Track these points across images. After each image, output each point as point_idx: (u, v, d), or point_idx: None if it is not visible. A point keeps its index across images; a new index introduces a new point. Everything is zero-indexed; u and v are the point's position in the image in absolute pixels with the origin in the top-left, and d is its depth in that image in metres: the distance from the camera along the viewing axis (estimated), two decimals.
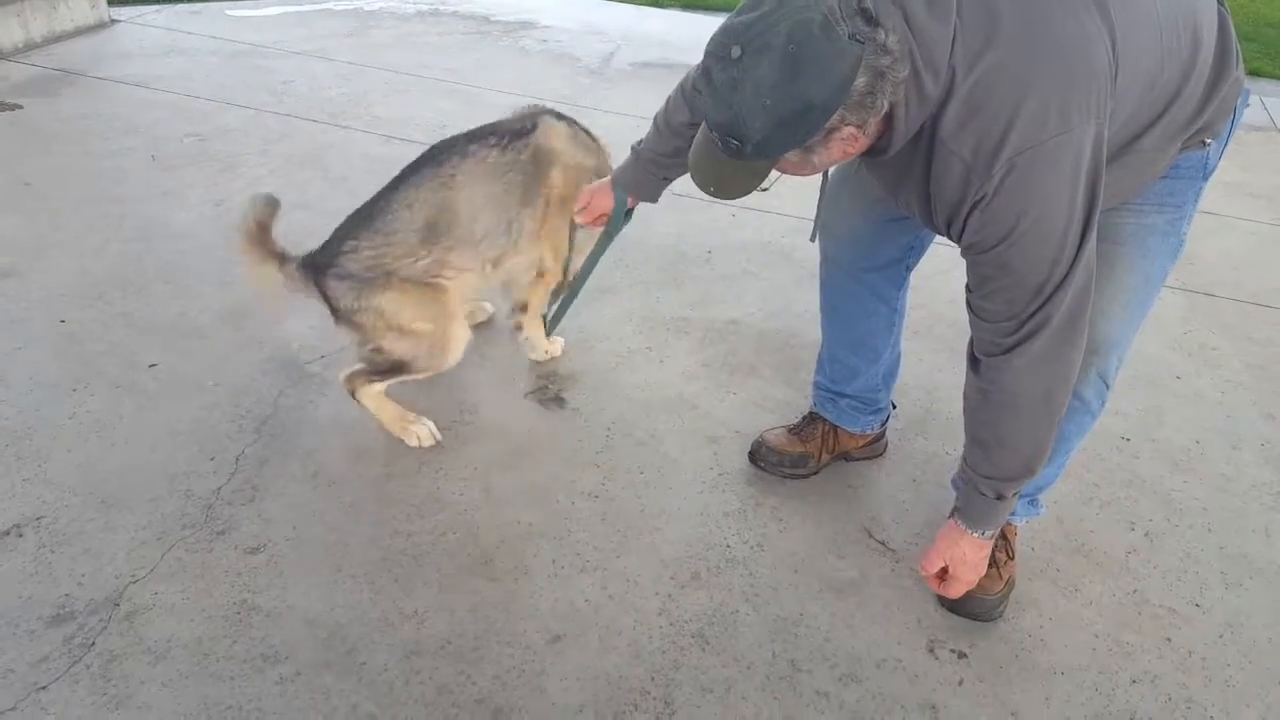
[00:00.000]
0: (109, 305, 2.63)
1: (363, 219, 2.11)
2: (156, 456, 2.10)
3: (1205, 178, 1.56)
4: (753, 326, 2.81)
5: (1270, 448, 2.45)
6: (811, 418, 2.21)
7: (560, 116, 2.28)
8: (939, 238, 2.01)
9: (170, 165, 3.51)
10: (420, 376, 2.16)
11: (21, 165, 3.43)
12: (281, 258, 2.08)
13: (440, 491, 2.08)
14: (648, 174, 1.97)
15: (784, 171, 1.37)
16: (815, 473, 2.19)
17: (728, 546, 1.99)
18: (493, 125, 2.21)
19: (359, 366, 2.16)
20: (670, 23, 6.31)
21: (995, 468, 1.57)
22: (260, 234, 2.06)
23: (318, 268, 2.08)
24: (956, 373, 2.49)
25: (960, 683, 1.73)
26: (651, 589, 1.87)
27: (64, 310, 2.59)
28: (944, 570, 1.73)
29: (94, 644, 1.66)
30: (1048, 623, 1.87)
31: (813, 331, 2.75)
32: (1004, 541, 1.91)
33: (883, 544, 2.04)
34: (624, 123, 4.18)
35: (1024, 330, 1.41)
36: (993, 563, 1.86)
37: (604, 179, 2.09)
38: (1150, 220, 1.57)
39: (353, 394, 2.17)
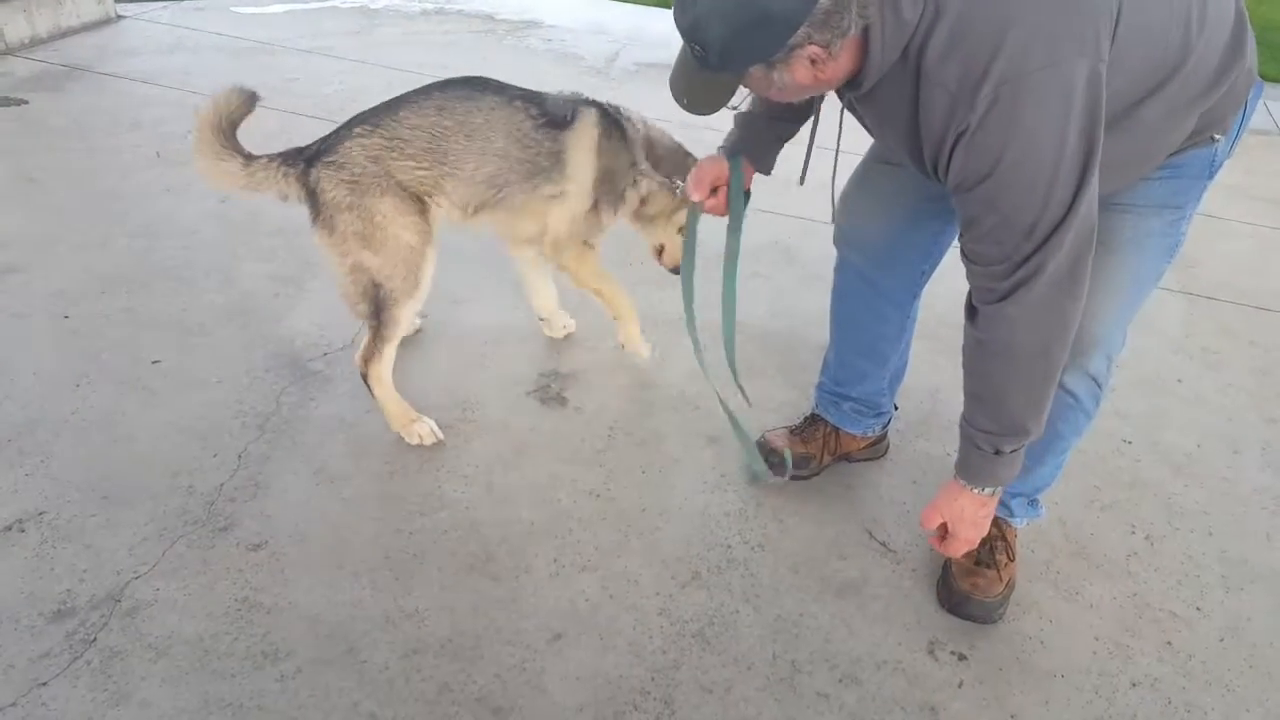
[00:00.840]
0: (112, 301, 2.63)
1: (386, 108, 2.07)
2: (159, 453, 2.11)
3: (1210, 176, 1.55)
4: (756, 327, 2.80)
5: (1271, 451, 2.44)
6: (813, 419, 2.21)
7: (604, 116, 2.21)
8: (955, 244, 2.02)
9: (175, 162, 3.51)
10: (396, 312, 2.09)
11: (26, 161, 3.43)
12: (247, 156, 2.04)
13: (442, 489, 2.08)
14: (758, 133, 1.88)
15: (754, 90, 1.37)
16: (816, 474, 2.19)
17: (728, 547, 2.00)
18: (540, 97, 2.17)
19: (365, 338, 2.14)
20: (669, 22, 6.31)
21: (991, 422, 1.53)
22: (227, 129, 2.03)
23: (310, 158, 2.04)
24: (958, 374, 2.48)
25: (960, 685, 1.73)
26: (652, 588, 1.88)
27: (67, 306, 2.59)
28: (944, 528, 1.69)
29: (95, 640, 1.66)
30: (1048, 625, 1.87)
31: (816, 333, 2.75)
32: (1004, 544, 1.91)
33: (883, 545, 2.04)
34: None
35: (1018, 275, 1.36)
36: (993, 564, 1.86)
37: (710, 157, 1.93)
38: (1149, 224, 1.55)
39: (365, 378, 2.16)
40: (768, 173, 1.97)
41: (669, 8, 1.38)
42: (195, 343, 2.49)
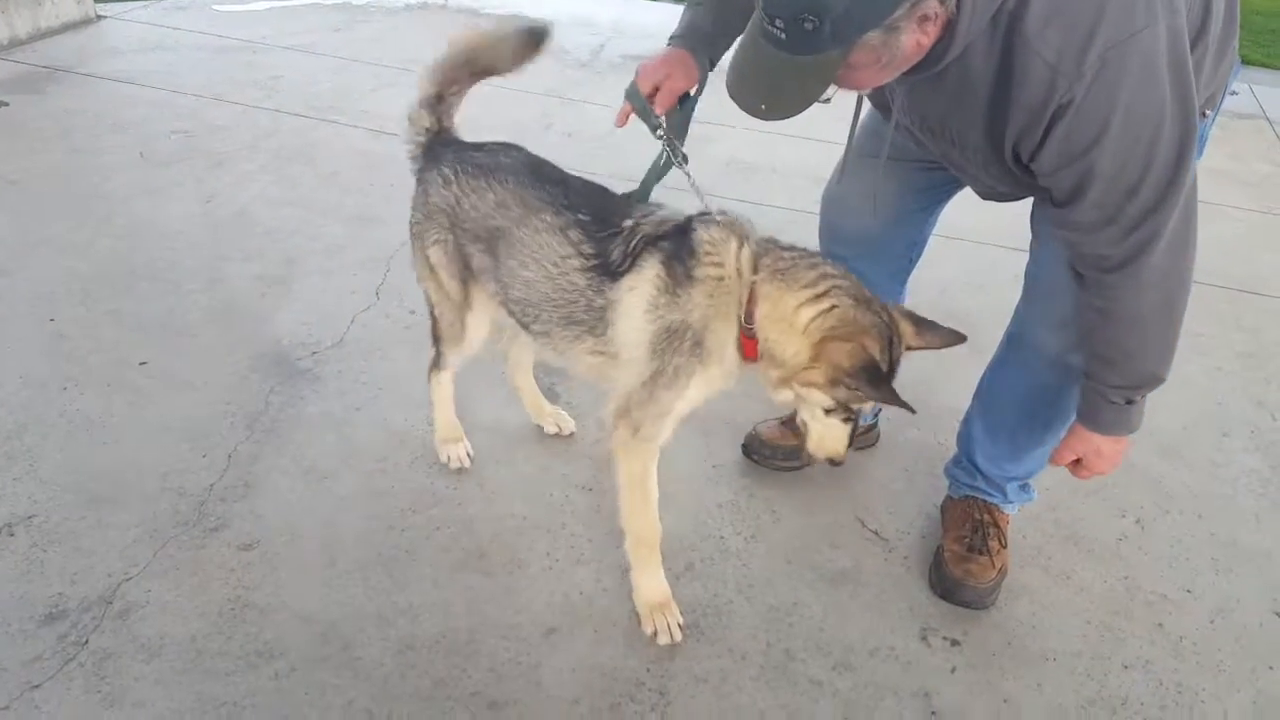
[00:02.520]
0: (98, 303, 2.62)
1: (478, 165, 1.82)
2: (148, 454, 2.09)
3: (1201, 152, 1.55)
4: None
5: (1259, 434, 2.46)
6: None
7: (674, 265, 1.59)
8: (936, 232, 2.02)
9: (158, 162, 3.49)
10: (443, 349, 2.01)
11: (8, 164, 3.40)
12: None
13: (434, 486, 2.07)
14: (728, 23, 1.62)
15: (852, 75, 1.22)
16: (809, 464, 2.19)
17: (721, 538, 2.00)
18: (601, 240, 1.67)
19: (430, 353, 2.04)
20: (660, 14, 6.29)
21: (1123, 379, 1.49)
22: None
23: (434, 156, 1.88)
24: (947, 363, 2.50)
25: (953, 670, 1.74)
26: None
27: (52, 309, 2.57)
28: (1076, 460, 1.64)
29: (87, 642, 1.66)
30: (1040, 610, 1.88)
31: None
32: (996, 530, 1.92)
33: (875, 533, 2.04)
34: (614, 115, 4.17)
35: (1134, 240, 1.32)
36: (985, 551, 1.87)
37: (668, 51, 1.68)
38: None
39: (429, 379, 2.09)
40: (711, 70, 1.72)
41: None
42: (182, 344, 2.48)
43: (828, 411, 1.61)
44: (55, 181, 3.30)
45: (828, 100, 1.25)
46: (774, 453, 2.16)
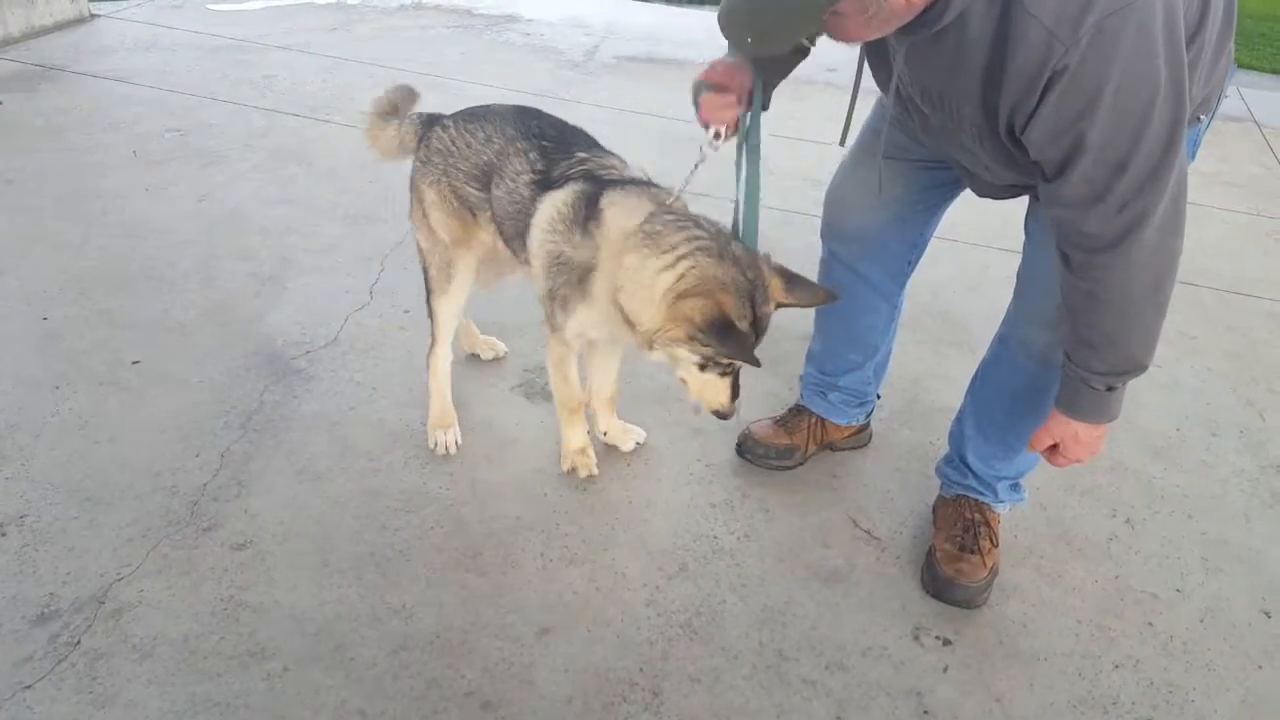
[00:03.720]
0: (91, 302, 2.61)
1: (473, 112, 2.08)
2: (141, 453, 2.09)
3: (1193, 158, 1.55)
4: None
5: (1249, 434, 2.48)
6: (798, 410, 2.22)
7: (579, 204, 1.78)
8: (938, 234, 2.02)
9: (152, 161, 3.48)
10: (435, 303, 2.17)
11: (1, 162, 3.39)
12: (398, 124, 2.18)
13: (427, 485, 2.08)
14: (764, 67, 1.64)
15: (839, 21, 1.22)
16: (802, 463, 2.20)
17: (715, 537, 2.00)
18: (553, 160, 1.88)
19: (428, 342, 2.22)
20: (654, 16, 6.30)
21: (1105, 364, 1.48)
22: (390, 111, 2.21)
23: (431, 122, 2.13)
24: (939, 363, 2.51)
25: (945, 669, 1.75)
26: (639, 580, 1.88)
27: (46, 308, 2.57)
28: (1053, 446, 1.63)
29: (79, 642, 1.65)
30: (1031, 609, 1.89)
31: (798, 324, 2.76)
32: (988, 529, 1.92)
33: (868, 533, 2.05)
34: (607, 115, 4.18)
35: (1123, 220, 1.31)
36: (977, 550, 1.88)
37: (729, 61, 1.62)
38: None
39: (427, 361, 2.24)
40: (765, 107, 1.70)
41: (647, 1, 1.30)
42: (176, 342, 2.47)
43: (701, 367, 1.69)
44: (49, 180, 3.30)
45: (810, 44, 1.26)
46: (767, 451, 2.17)
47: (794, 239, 3.24)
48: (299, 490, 2.04)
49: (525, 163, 1.90)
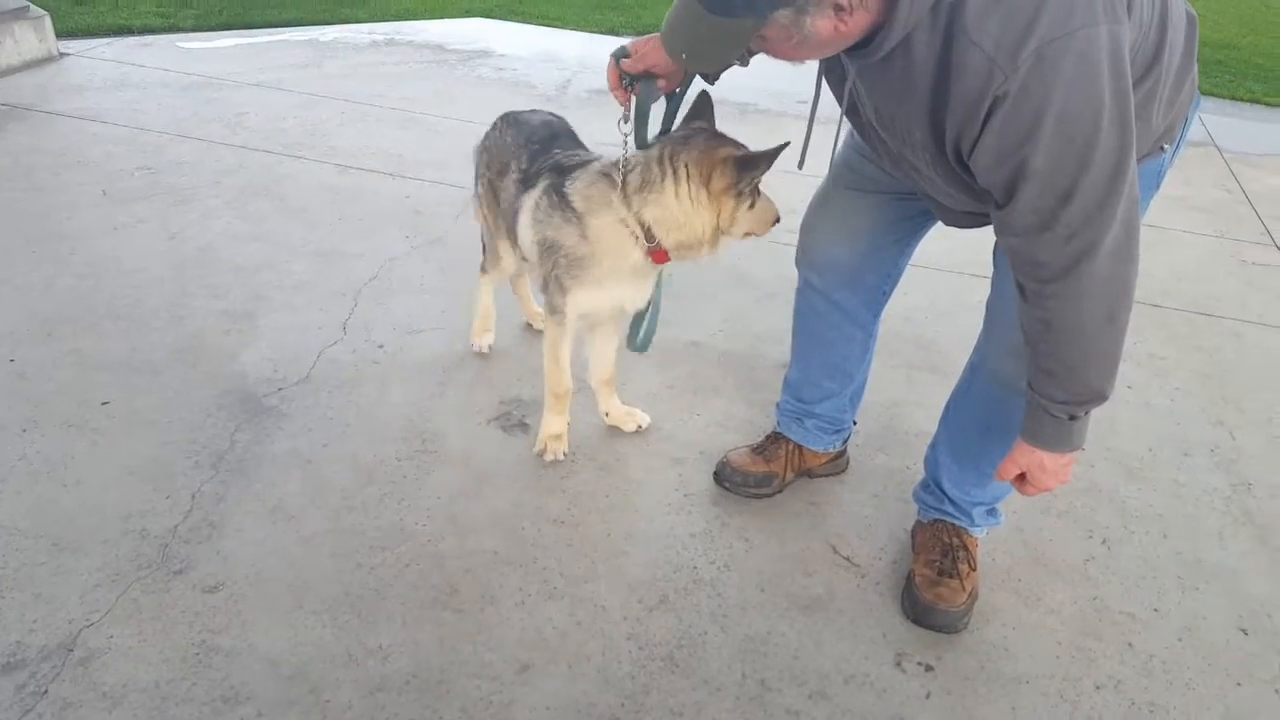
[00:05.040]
0: (59, 343, 2.57)
1: (519, 120, 2.34)
2: (110, 496, 2.05)
3: (1158, 186, 1.58)
4: (713, 348, 2.82)
5: (1220, 453, 2.51)
6: (775, 437, 2.22)
7: (552, 194, 2.01)
8: (912, 263, 2.04)
9: (121, 199, 3.46)
10: (491, 268, 2.55)
11: None
12: None
13: (403, 522, 2.05)
14: None
15: (767, 45, 1.26)
16: (779, 491, 2.20)
17: (695, 568, 1.99)
18: (541, 134, 2.23)
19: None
20: None
21: (1066, 393, 1.47)
22: None
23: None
24: (914, 389, 2.53)
25: (928, 695, 1.74)
26: (620, 614, 1.87)
27: (12, 349, 2.53)
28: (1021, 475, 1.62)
29: (47, 691, 1.61)
30: (1011, 632, 1.89)
31: (773, 351, 2.78)
32: (966, 553, 1.93)
33: (848, 560, 2.05)
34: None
35: (1073, 249, 1.31)
36: (955, 574, 1.89)
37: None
38: None
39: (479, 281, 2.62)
40: (712, 83, 1.82)
41: (618, 34, 1.35)
42: (145, 383, 2.44)
43: (750, 206, 1.89)
44: (15, 220, 3.26)
45: (743, 64, 1.29)
46: (745, 479, 2.16)
47: (767, 268, 3.27)
48: (272, 530, 2.00)
49: (517, 164, 2.17)
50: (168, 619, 1.77)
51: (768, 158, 1.77)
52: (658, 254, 1.92)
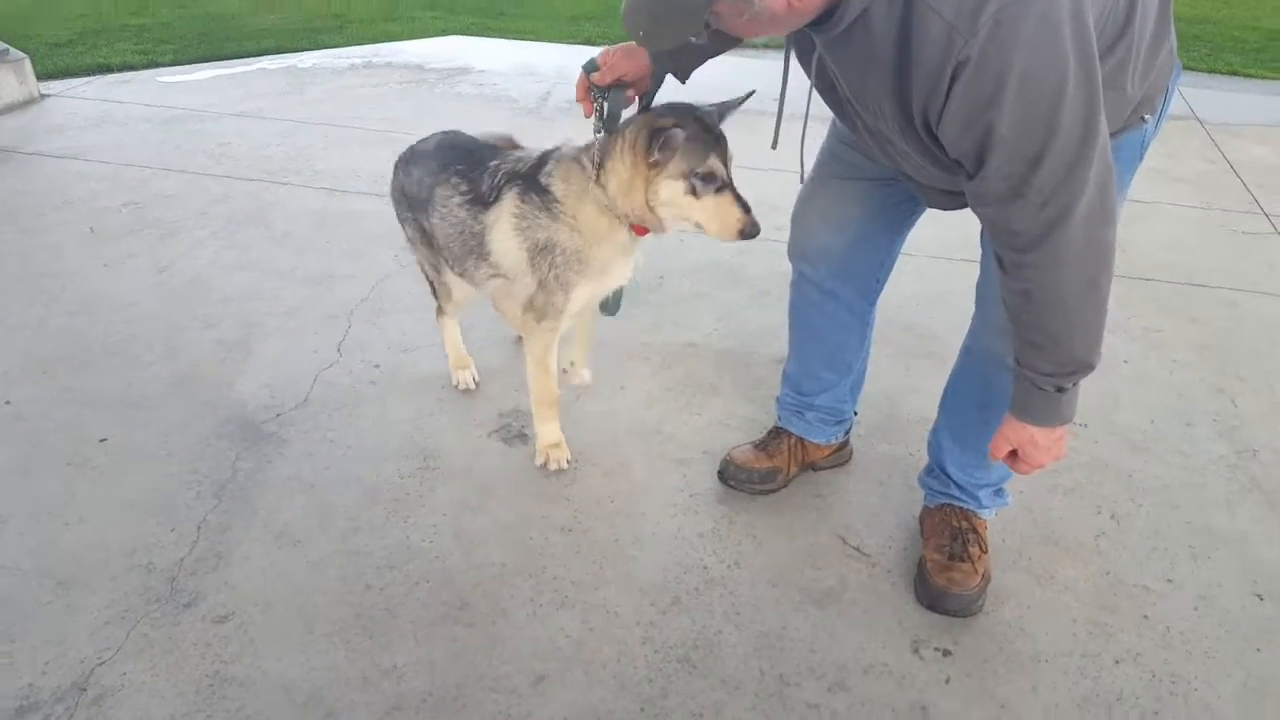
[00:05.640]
0: (54, 382, 2.56)
1: (414, 157, 2.31)
2: (114, 532, 2.04)
3: (1142, 157, 1.58)
4: (710, 347, 2.82)
5: (1222, 421, 2.50)
6: (777, 432, 2.22)
7: (530, 195, 1.99)
8: (903, 251, 2.04)
9: (109, 236, 3.45)
10: (444, 304, 2.48)
11: None
12: None
13: (409, 540, 2.04)
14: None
15: (724, 17, 1.27)
16: (784, 486, 2.19)
17: (705, 568, 1.99)
18: (468, 157, 2.15)
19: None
20: None
21: (1052, 365, 1.46)
22: None
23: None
24: (912, 376, 2.53)
25: (947, 680, 1.73)
26: (633, 618, 1.86)
27: (7, 390, 2.52)
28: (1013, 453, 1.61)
29: None
30: (1026, 612, 1.89)
31: (770, 348, 2.78)
32: (976, 536, 1.92)
33: (857, 550, 2.04)
34: None
35: (1046, 216, 1.30)
36: (966, 558, 1.88)
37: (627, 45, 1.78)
38: None
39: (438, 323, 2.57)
40: (684, 81, 1.87)
41: (595, 45, 1.35)
42: (142, 417, 2.43)
43: (694, 193, 1.81)
44: (4, 262, 3.25)
45: (698, 41, 1.30)
46: (749, 476, 2.16)
47: (759, 265, 3.27)
48: (279, 557, 1.99)
49: (451, 189, 2.12)
50: (179, 652, 1.76)
51: (677, 129, 1.73)
52: (637, 227, 1.95)
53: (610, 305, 2.21)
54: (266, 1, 8.25)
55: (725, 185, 1.81)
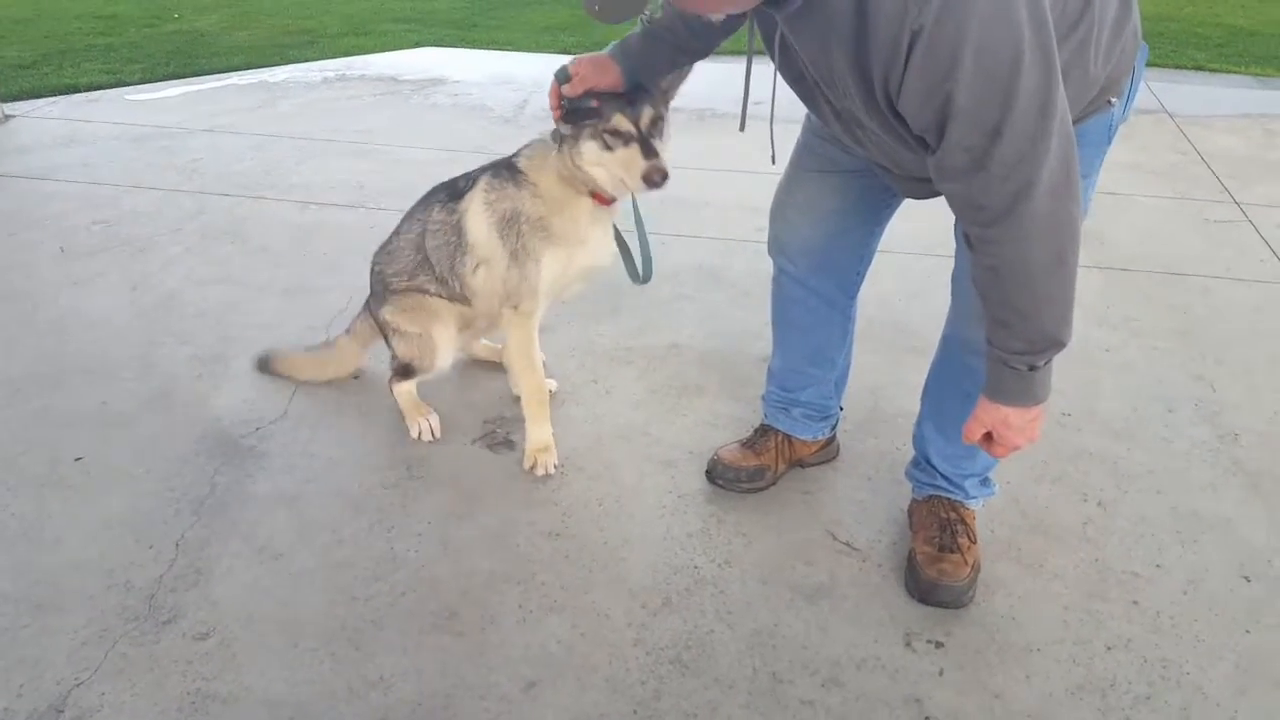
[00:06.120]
0: (26, 402, 2.51)
1: (382, 247, 2.41)
2: (91, 552, 2.00)
3: (1109, 141, 1.58)
4: (694, 349, 2.81)
5: (1203, 406, 2.52)
6: (764, 430, 2.21)
7: (500, 172, 2.13)
8: (881, 248, 2.04)
9: (80, 254, 3.40)
10: (427, 375, 2.38)
11: None
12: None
13: (394, 550, 2.01)
14: (656, 52, 1.83)
15: None
16: (773, 483, 2.18)
17: (695, 568, 1.97)
18: (451, 181, 2.27)
19: (391, 372, 2.44)
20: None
21: (1023, 343, 1.45)
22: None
23: (369, 300, 2.47)
24: (896, 370, 2.53)
25: (941, 673, 1.72)
26: (623, 621, 1.84)
27: None
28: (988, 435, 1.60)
29: None
30: (1017, 602, 1.88)
31: (753, 347, 2.78)
32: (964, 526, 1.92)
33: (847, 545, 2.03)
34: None
35: (1009, 189, 1.29)
36: (956, 549, 1.87)
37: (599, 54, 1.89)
38: None
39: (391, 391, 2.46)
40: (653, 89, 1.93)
41: (573, 53, 1.34)
42: (118, 435, 2.39)
43: (610, 149, 1.90)
44: None
45: (650, 16, 1.34)
46: (737, 475, 2.14)
47: (742, 266, 3.27)
48: (260, 571, 1.96)
49: (434, 205, 2.24)
50: (160, 670, 1.72)
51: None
52: (597, 195, 2.02)
53: (639, 272, 2.18)
54: (236, 19, 8.19)
55: (634, 139, 1.88)
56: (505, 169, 2.13)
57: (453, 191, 2.22)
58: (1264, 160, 4.59)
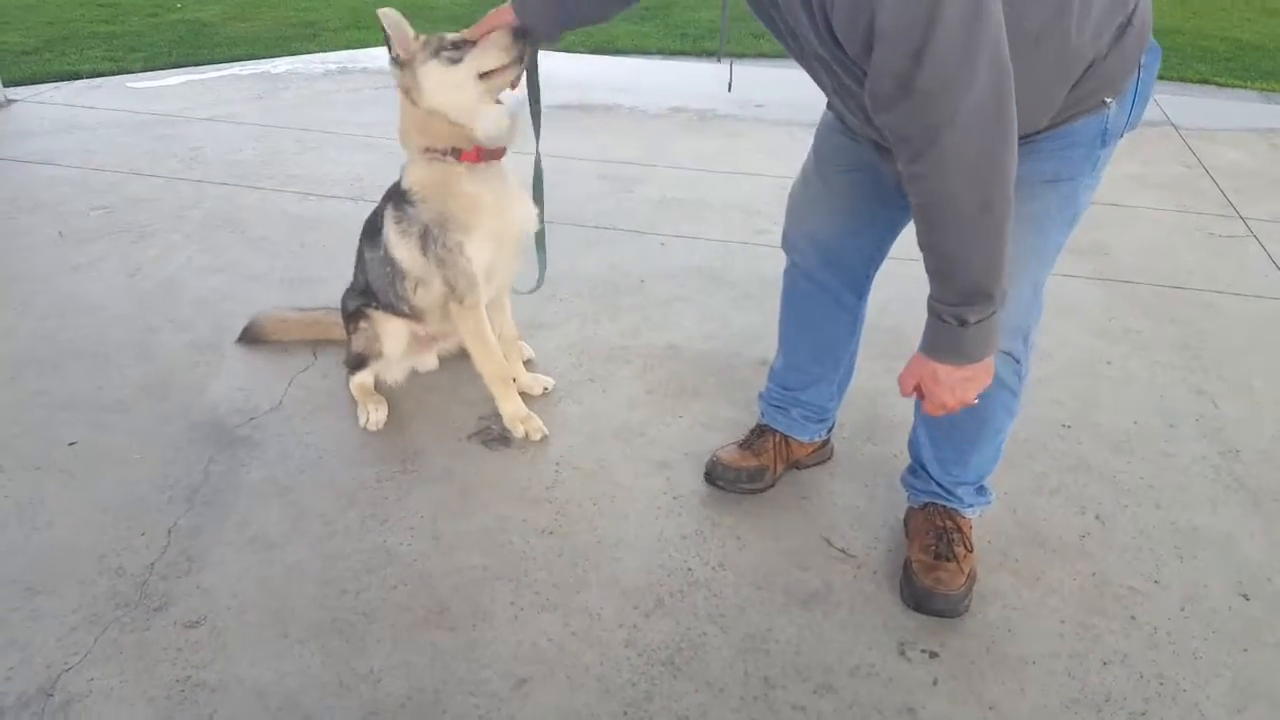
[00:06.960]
0: (23, 386, 2.50)
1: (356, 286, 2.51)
2: (83, 537, 1.98)
3: (1104, 144, 1.54)
4: (691, 350, 2.80)
5: (1205, 421, 2.51)
6: (760, 430, 2.20)
7: (396, 201, 2.22)
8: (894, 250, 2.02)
9: (79, 239, 3.38)
10: (376, 366, 2.44)
11: None
12: None
13: (387, 544, 2.00)
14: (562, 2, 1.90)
15: None
16: (772, 485, 2.17)
17: (689, 570, 1.95)
18: (370, 218, 2.39)
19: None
20: (581, 67, 6.37)
21: (952, 293, 1.43)
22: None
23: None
24: (895, 378, 2.51)
25: (935, 682, 1.71)
26: (615, 621, 1.82)
27: None
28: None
29: None
30: (1013, 613, 1.87)
31: (752, 350, 2.76)
32: (961, 535, 1.90)
33: (843, 551, 2.02)
34: (532, 161, 4.17)
35: (931, 119, 1.26)
36: (952, 557, 1.86)
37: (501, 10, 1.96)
38: (1045, 199, 1.54)
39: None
40: (555, 41, 2.01)
41: (572, 53, 1.32)
42: (113, 420, 2.37)
43: (458, 61, 2.00)
44: None
45: None
46: (737, 475, 2.13)
47: (741, 268, 3.25)
48: (252, 561, 1.94)
49: (364, 248, 2.41)
50: (149, 657, 1.71)
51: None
52: (467, 155, 2.08)
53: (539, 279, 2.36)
54: (239, 10, 8.17)
55: (473, 43, 1.96)
56: (396, 195, 2.21)
57: (373, 229, 2.34)
58: (1269, 175, 4.58)
